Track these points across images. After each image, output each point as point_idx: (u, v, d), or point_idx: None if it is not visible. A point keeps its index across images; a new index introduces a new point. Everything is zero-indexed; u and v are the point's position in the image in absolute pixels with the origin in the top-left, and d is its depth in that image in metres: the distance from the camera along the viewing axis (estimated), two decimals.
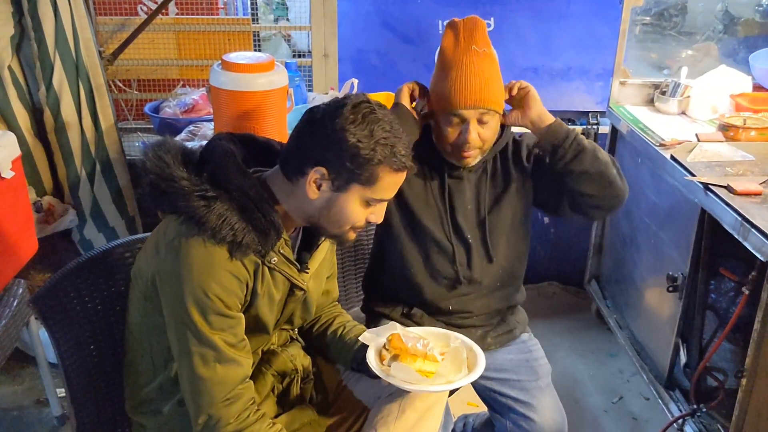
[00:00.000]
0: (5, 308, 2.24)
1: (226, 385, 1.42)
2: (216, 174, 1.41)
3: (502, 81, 1.85)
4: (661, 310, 2.62)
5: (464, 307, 1.98)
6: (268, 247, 1.42)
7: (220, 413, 1.42)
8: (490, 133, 1.82)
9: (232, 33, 3.28)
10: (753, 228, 1.94)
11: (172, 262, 1.37)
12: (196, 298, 1.37)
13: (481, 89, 1.76)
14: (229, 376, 1.42)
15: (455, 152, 1.84)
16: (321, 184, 1.41)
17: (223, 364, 1.41)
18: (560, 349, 3.13)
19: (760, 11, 3.86)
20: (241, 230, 1.36)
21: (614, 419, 2.74)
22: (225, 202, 1.37)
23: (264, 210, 1.39)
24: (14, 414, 2.64)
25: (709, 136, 2.64)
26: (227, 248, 1.37)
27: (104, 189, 2.99)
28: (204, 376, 1.40)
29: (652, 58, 3.73)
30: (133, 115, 3.34)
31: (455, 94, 1.77)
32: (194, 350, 1.40)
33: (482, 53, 1.80)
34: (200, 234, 1.36)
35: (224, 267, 1.38)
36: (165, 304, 1.41)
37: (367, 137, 1.37)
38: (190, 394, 1.44)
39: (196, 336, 1.39)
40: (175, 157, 1.41)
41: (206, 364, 1.40)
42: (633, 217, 2.90)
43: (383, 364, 1.54)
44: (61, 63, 2.75)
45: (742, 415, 2.04)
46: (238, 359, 1.44)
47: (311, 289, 1.59)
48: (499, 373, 1.99)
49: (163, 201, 1.41)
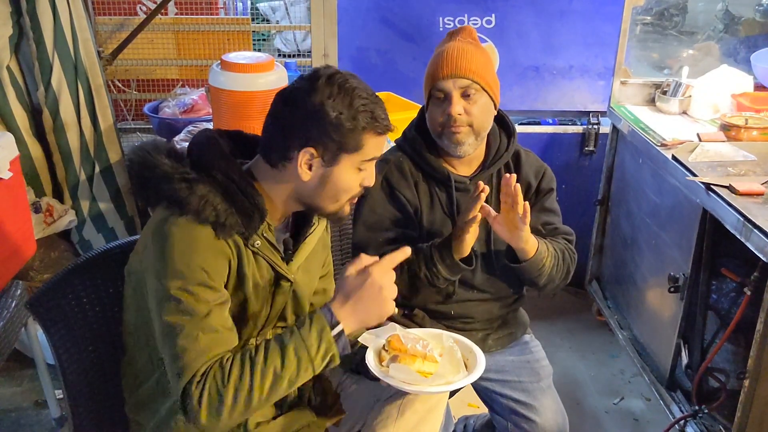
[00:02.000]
0: (3, 310, 2.23)
1: (206, 355, 1.34)
2: (199, 159, 1.41)
3: (491, 65, 1.85)
4: (663, 311, 2.62)
5: (466, 312, 1.98)
6: (252, 229, 1.41)
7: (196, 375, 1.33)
8: (477, 110, 1.80)
9: (232, 33, 3.27)
10: (755, 228, 1.93)
11: (157, 247, 1.36)
12: (180, 273, 1.34)
13: (458, 59, 1.78)
14: (211, 347, 1.34)
15: (446, 133, 1.82)
16: (311, 163, 1.42)
17: (206, 333, 1.34)
18: (561, 349, 3.13)
19: (761, 11, 3.85)
20: (223, 211, 1.36)
21: (615, 420, 2.73)
22: (207, 185, 1.37)
23: (247, 193, 1.39)
24: (13, 415, 2.64)
25: (710, 135, 2.63)
26: (211, 228, 1.36)
27: (103, 190, 2.99)
28: (186, 347, 1.33)
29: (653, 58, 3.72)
30: (132, 115, 3.34)
31: (435, 68, 1.80)
32: (176, 321, 1.33)
33: (467, 42, 1.83)
34: (183, 215, 1.35)
35: (208, 245, 1.36)
36: (150, 287, 1.38)
37: (347, 108, 1.38)
38: (173, 367, 1.34)
39: (179, 307, 1.33)
40: (160, 150, 1.42)
41: (188, 335, 1.33)
42: (634, 217, 2.89)
43: (382, 365, 1.53)
44: (59, 63, 2.75)
45: (744, 417, 2.03)
46: (224, 333, 1.37)
47: (300, 282, 1.57)
48: (500, 374, 1.98)
49: (147, 190, 1.40)
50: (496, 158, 1.91)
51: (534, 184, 1.96)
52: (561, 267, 1.89)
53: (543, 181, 1.97)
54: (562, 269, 1.90)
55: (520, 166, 1.96)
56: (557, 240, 1.93)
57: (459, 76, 1.77)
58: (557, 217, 1.99)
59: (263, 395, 1.33)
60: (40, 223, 2.79)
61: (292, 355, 1.34)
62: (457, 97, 1.78)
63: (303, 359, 1.35)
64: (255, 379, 1.32)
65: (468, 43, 1.82)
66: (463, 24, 3.10)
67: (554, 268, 1.87)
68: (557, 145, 3.36)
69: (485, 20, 3.13)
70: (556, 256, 1.87)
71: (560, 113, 3.40)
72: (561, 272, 1.90)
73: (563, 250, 1.92)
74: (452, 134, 1.81)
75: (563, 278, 1.93)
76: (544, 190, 1.97)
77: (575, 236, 2.00)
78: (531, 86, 3.23)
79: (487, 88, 1.80)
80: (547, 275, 1.86)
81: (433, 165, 1.89)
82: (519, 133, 2.01)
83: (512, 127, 1.95)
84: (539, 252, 1.81)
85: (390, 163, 1.89)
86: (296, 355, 1.34)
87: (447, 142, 1.83)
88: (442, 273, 1.81)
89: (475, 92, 1.79)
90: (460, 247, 1.78)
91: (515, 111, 3.33)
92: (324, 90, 1.38)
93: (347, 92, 1.39)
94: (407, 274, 1.83)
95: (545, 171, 1.99)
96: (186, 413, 1.33)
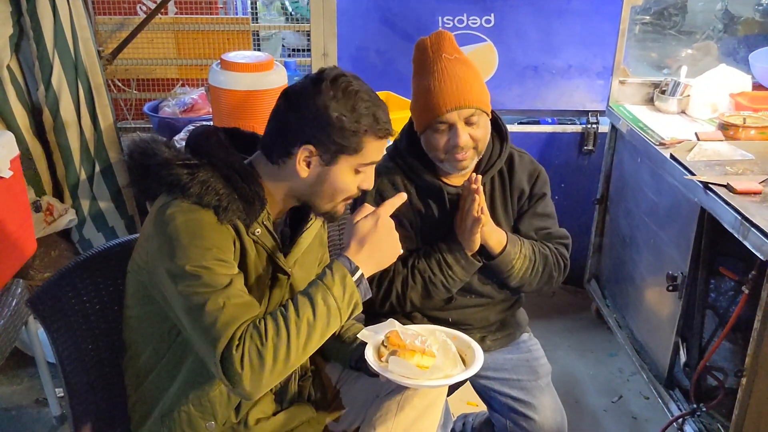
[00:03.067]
0: (4, 308, 2.23)
1: (238, 321, 1.32)
2: (198, 148, 1.43)
3: (483, 82, 1.83)
4: (661, 310, 2.62)
5: (464, 319, 1.98)
6: (253, 216, 1.42)
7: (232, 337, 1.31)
8: (481, 132, 1.80)
9: (232, 32, 3.28)
10: (753, 227, 1.93)
11: (161, 231, 1.37)
12: (192, 252, 1.33)
13: (458, 90, 1.75)
14: (240, 313, 1.33)
15: (449, 158, 1.80)
16: (310, 161, 1.43)
17: (232, 300, 1.33)
18: (560, 348, 3.13)
19: (760, 10, 3.86)
20: (226, 196, 1.37)
21: (614, 418, 2.74)
22: (208, 170, 1.38)
23: (248, 179, 1.41)
24: (13, 414, 2.64)
25: (708, 135, 2.64)
26: (213, 212, 1.37)
27: (103, 189, 3.00)
28: (217, 316, 1.30)
29: (651, 57, 3.73)
30: (132, 114, 3.35)
31: (435, 101, 1.75)
32: (199, 296, 1.31)
33: (453, 59, 1.79)
34: (185, 199, 1.36)
35: (213, 226, 1.37)
36: (162, 273, 1.37)
37: (349, 111, 1.40)
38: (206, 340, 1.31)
39: (199, 282, 1.32)
40: (158, 142, 1.44)
41: (215, 305, 1.31)
42: (633, 216, 2.90)
43: (381, 361, 1.54)
44: (60, 62, 2.76)
45: (742, 415, 2.04)
46: (248, 299, 1.37)
47: (297, 277, 1.57)
48: (499, 372, 1.99)
49: (147, 178, 1.41)
50: (488, 165, 1.90)
51: (527, 189, 1.95)
52: (539, 271, 1.91)
53: (536, 185, 1.96)
54: (541, 273, 1.92)
55: (513, 171, 1.94)
56: (546, 245, 1.94)
57: (462, 107, 1.74)
58: (551, 220, 1.99)
59: (299, 349, 1.34)
60: (40, 222, 2.80)
61: (322, 303, 1.36)
62: (462, 127, 1.76)
63: (332, 307, 1.37)
64: (291, 333, 1.33)
65: (456, 60, 1.79)
66: (462, 23, 3.12)
67: (528, 271, 1.89)
68: (556, 145, 3.35)
69: (484, 19, 3.13)
70: (532, 260, 1.89)
71: (559, 113, 3.40)
72: (538, 276, 1.92)
73: (547, 255, 1.92)
74: (458, 161, 1.80)
75: (545, 282, 1.94)
76: (537, 195, 1.96)
77: (571, 239, 2.01)
78: (530, 86, 3.23)
79: (486, 109, 1.80)
80: (519, 278, 1.90)
81: (425, 178, 1.88)
82: (518, 133, 2.01)
83: (505, 130, 1.93)
84: (506, 253, 1.85)
85: (382, 177, 1.87)
86: (325, 303, 1.36)
87: (449, 166, 1.82)
88: (459, 275, 1.85)
89: (478, 117, 1.77)
90: (471, 246, 1.81)
91: (514, 110, 3.33)
92: (328, 91, 1.39)
93: (350, 95, 1.40)
94: (421, 282, 1.86)
95: (538, 174, 1.97)
96: (229, 380, 1.30)
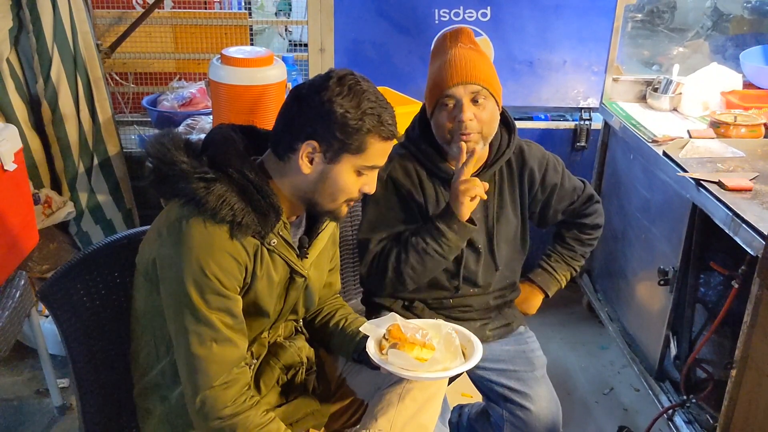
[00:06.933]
0: (8, 300, 2.25)
1: (223, 365, 1.44)
2: (216, 158, 1.44)
3: (494, 70, 1.88)
4: (652, 304, 2.66)
5: (464, 302, 2.02)
6: (268, 228, 1.44)
7: (217, 395, 1.44)
8: (487, 115, 1.82)
9: (229, 27, 3.29)
10: (743, 223, 1.97)
11: (173, 243, 1.40)
12: (195, 277, 1.39)
13: (466, 67, 1.80)
14: (226, 356, 1.44)
15: (455, 138, 1.83)
16: (313, 157, 1.44)
17: (219, 343, 1.43)
18: (553, 341, 3.17)
19: (749, 8, 3.89)
20: (240, 210, 1.39)
21: (605, 410, 2.78)
22: (224, 184, 1.40)
23: (264, 192, 1.42)
24: (14, 404, 2.66)
25: (700, 132, 2.68)
26: (227, 229, 1.40)
27: (101, 182, 3.01)
28: (200, 355, 1.42)
29: (644, 55, 3.76)
30: (129, 108, 3.36)
31: (444, 76, 1.81)
32: (191, 329, 1.41)
33: (468, 48, 1.85)
34: (200, 215, 1.38)
35: (224, 248, 1.40)
36: (163, 285, 1.43)
37: (354, 108, 1.41)
38: (186, 374, 1.45)
39: (193, 315, 1.41)
40: (177, 144, 1.44)
41: (203, 343, 1.42)
42: (625, 212, 2.94)
43: (382, 354, 1.57)
44: (59, 56, 2.76)
45: (730, 406, 2.08)
46: (235, 340, 1.45)
47: (312, 277, 1.61)
48: (496, 363, 2.03)
49: (165, 185, 1.43)
50: (498, 156, 1.94)
51: (538, 177, 2.00)
52: (585, 255, 2.20)
53: (547, 174, 2.01)
54: (587, 254, 2.20)
55: (525, 160, 1.99)
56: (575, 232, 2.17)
57: (469, 82, 1.79)
58: (574, 191, 2.09)
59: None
60: (39, 215, 2.80)
61: None
62: (468, 103, 1.80)
63: None
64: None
65: (470, 49, 1.84)
66: (459, 17, 3.13)
67: (581, 261, 2.20)
68: (549, 141, 3.36)
69: (480, 13, 3.13)
70: (570, 265, 2.19)
71: (552, 109, 3.42)
72: (587, 254, 2.20)
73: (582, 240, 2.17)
74: (463, 140, 1.82)
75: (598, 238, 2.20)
76: (549, 185, 2.02)
77: (589, 185, 2.17)
78: (525, 81, 3.24)
79: (495, 94, 1.83)
80: (579, 267, 2.22)
81: (437, 165, 1.92)
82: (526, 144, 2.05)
83: (512, 122, 1.98)
84: (557, 287, 2.21)
85: (394, 162, 1.92)
86: None
87: (456, 148, 1.84)
88: (453, 241, 1.85)
89: (484, 98, 1.81)
90: (460, 212, 1.83)
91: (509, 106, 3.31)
92: (335, 88, 1.41)
93: (357, 93, 1.41)
94: (415, 255, 1.87)
95: (547, 163, 2.02)
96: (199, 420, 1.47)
